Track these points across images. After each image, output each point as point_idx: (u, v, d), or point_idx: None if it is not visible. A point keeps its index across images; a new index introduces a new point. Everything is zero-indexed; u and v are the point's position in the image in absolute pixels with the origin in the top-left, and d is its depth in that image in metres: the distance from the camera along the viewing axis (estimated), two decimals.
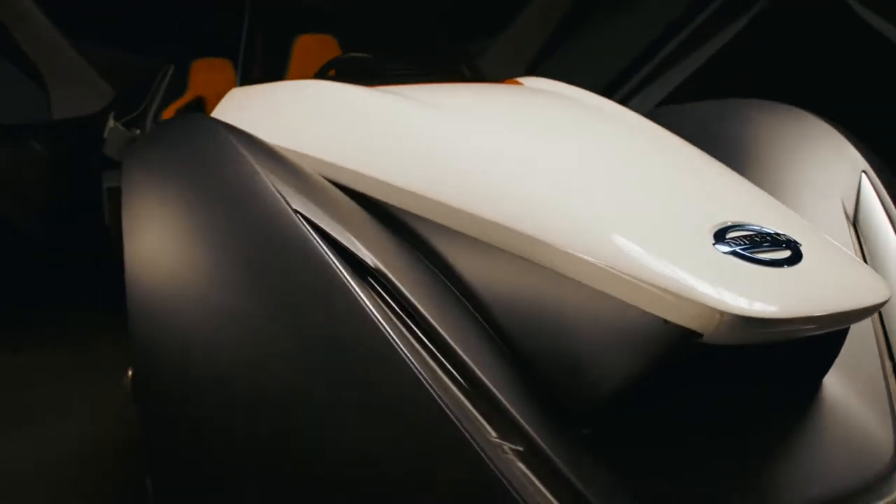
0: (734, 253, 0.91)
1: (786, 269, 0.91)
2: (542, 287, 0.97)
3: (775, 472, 0.99)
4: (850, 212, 1.36)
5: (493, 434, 0.89)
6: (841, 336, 1.04)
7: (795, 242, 0.95)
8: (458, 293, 1.03)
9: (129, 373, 1.34)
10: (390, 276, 0.97)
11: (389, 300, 0.96)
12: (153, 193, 1.08)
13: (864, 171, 1.43)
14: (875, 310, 0.98)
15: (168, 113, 4.02)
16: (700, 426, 1.04)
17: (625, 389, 0.93)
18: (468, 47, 3.40)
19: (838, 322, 0.93)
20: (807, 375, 1.11)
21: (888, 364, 1.12)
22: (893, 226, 1.33)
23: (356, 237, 1.01)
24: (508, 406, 0.90)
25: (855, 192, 1.39)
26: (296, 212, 1.01)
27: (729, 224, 0.97)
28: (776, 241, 0.95)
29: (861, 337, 1.12)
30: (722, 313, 0.82)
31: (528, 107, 1.50)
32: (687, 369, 0.98)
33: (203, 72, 4.12)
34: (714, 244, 0.93)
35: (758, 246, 0.93)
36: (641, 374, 0.91)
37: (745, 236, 0.95)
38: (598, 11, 4.21)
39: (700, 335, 0.86)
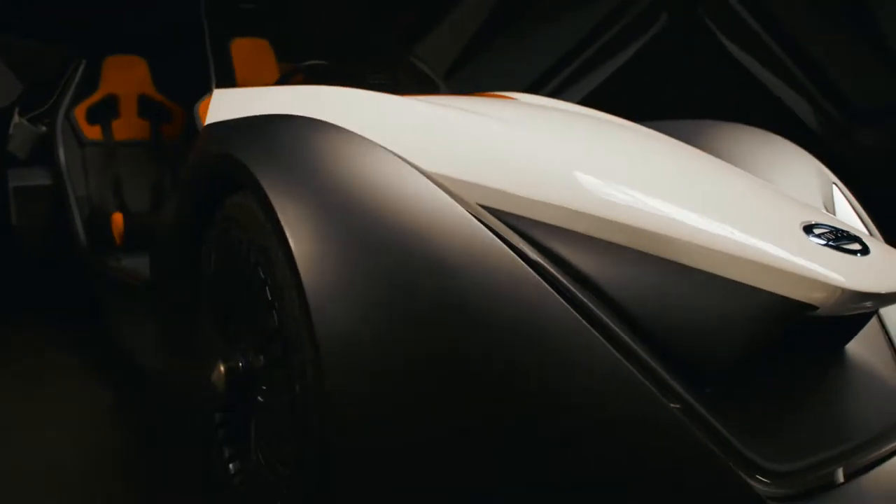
0: (827, 245, 1.17)
1: (864, 258, 1.18)
2: (670, 277, 1.17)
3: (835, 414, 1.26)
4: None
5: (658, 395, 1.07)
6: (872, 313, 1.34)
7: (859, 237, 1.23)
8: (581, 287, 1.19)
9: (221, 368, 1.38)
10: (550, 268, 1.12)
11: (559, 291, 1.10)
12: (316, 204, 1.13)
13: (834, 183, 1.79)
14: None
15: (80, 110, 3.78)
16: (763, 380, 1.29)
17: (745, 355, 1.15)
18: (411, 47, 3.55)
19: None
20: (833, 343, 1.40)
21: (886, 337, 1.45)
22: (865, 226, 1.69)
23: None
24: (663, 372, 1.09)
25: (830, 200, 1.74)
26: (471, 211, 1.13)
27: (812, 223, 1.23)
28: (848, 235, 1.22)
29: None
30: (843, 290, 1.07)
31: (583, 123, 1.70)
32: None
33: (115, 69, 3.94)
34: (809, 238, 1.19)
35: (839, 239, 1.20)
36: (761, 342, 1.14)
37: (826, 232, 1.21)
38: (509, 29, 4.52)
39: (815, 308, 1.10)
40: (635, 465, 1.01)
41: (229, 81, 2.46)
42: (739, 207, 1.28)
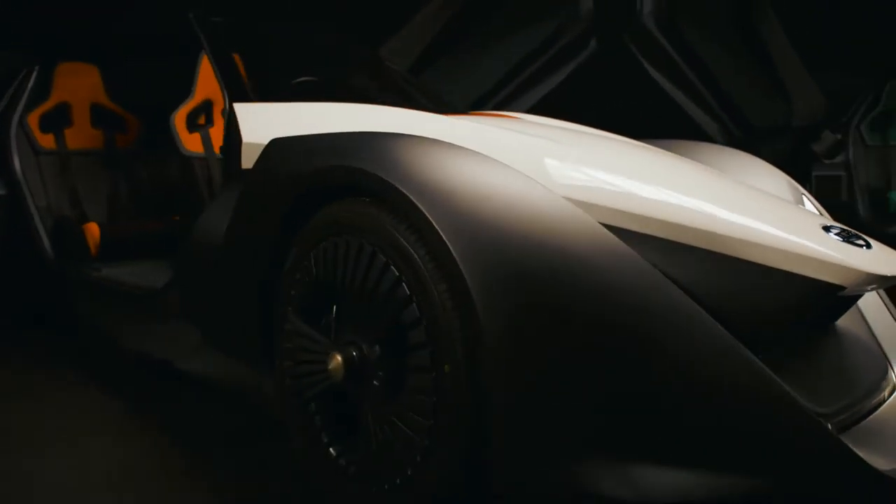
0: (844, 241, 1.51)
1: (870, 250, 1.52)
2: (735, 269, 1.46)
3: (839, 371, 1.61)
4: None
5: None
6: (857, 296, 1.71)
7: (861, 235, 1.59)
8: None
9: (338, 358, 1.54)
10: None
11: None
12: (463, 210, 1.36)
13: (803, 194, 2.19)
14: None
15: (32, 118, 3.70)
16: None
17: (790, 327, 1.47)
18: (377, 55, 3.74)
19: None
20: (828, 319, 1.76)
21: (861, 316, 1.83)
22: None
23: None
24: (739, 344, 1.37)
25: None
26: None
27: (826, 224, 1.58)
28: (855, 234, 1.57)
29: None
30: (867, 273, 1.41)
31: (613, 141, 1.99)
32: None
33: (67, 76, 3.89)
34: (830, 235, 1.52)
35: (849, 237, 1.54)
36: (804, 316, 1.47)
37: (840, 231, 1.56)
38: (457, 49, 4.81)
39: (844, 288, 1.43)
40: (736, 407, 1.29)
41: (241, 94, 2.54)
42: (772, 213, 1.60)
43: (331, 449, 1.63)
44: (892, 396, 1.60)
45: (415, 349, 1.41)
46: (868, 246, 1.55)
